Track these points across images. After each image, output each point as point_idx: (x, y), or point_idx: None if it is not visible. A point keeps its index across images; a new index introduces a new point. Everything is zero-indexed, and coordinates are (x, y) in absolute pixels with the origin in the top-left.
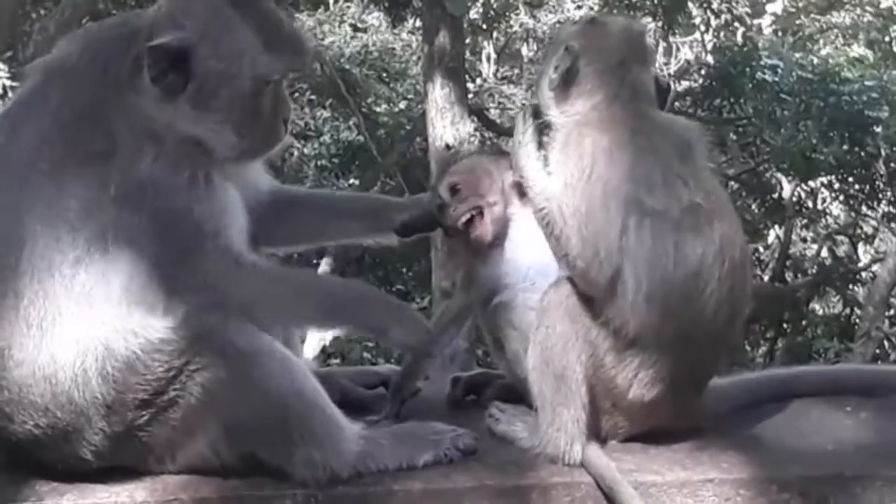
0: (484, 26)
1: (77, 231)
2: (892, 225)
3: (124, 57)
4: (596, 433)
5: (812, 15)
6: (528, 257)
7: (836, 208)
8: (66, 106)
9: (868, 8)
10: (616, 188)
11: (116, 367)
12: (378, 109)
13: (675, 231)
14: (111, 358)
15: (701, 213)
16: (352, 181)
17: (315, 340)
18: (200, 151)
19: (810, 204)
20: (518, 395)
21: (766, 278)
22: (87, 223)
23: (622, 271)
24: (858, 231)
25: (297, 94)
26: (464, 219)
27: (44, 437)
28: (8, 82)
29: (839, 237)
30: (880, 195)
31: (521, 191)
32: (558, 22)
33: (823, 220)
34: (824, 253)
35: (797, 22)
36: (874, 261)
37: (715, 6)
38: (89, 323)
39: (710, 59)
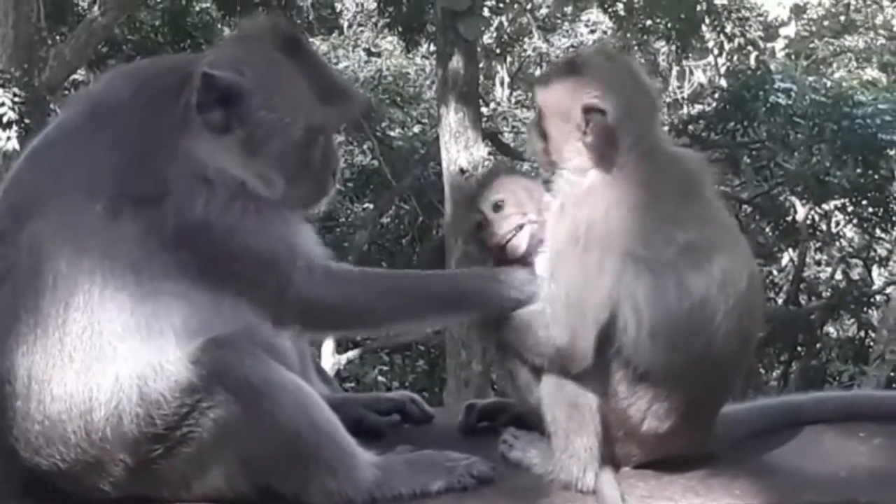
0: (498, 50)
1: (140, 272)
2: None
3: (178, 101)
4: (609, 460)
5: (825, 38)
6: None
7: (850, 231)
8: (118, 148)
9: (881, 31)
10: (610, 247)
11: (144, 405)
12: (392, 134)
13: (673, 270)
14: (144, 396)
15: (698, 250)
16: (366, 205)
17: (329, 365)
18: (248, 189)
19: (824, 227)
20: (532, 423)
21: (780, 301)
22: (151, 264)
23: (620, 313)
24: (872, 254)
25: None
26: (509, 236)
27: (66, 469)
28: (24, 107)
29: (853, 260)
30: (894, 218)
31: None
32: (571, 46)
33: (837, 243)
34: (838, 276)
35: (810, 45)
36: (888, 283)
37: (728, 30)
38: (129, 361)
39: (723, 82)
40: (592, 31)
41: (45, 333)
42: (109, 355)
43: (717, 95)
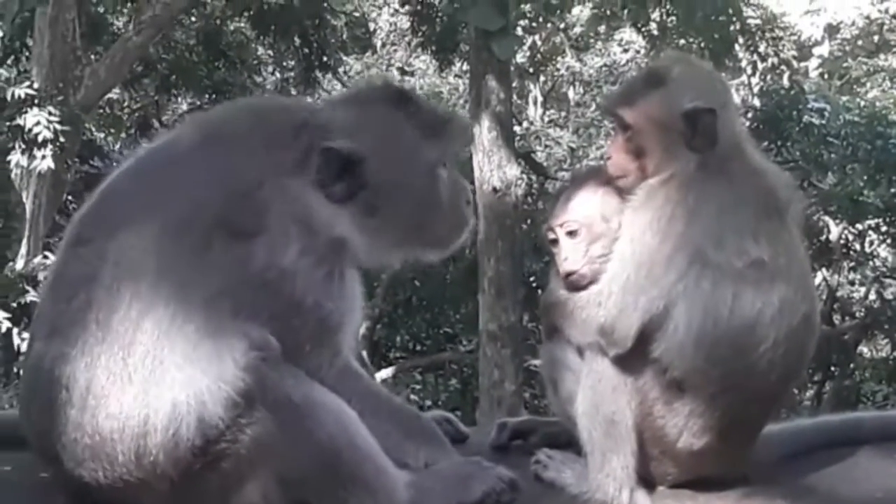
0: (531, 70)
1: (212, 309)
2: None
3: (293, 145)
4: (644, 479)
5: (859, 58)
6: None
7: (884, 251)
8: (227, 178)
9: None
10: (686, 242)
11: (201, 429)
12: None
13: (735, 282)
14: (201, 420)
15: (765, 270)
16: None
17: None
18: (346, 249)
19: (858, 246)
20: (564, 442)
21: None
22: (226, 300)
23: (671, 313)
24: None
25: None
26: (573, 272)
27: (106, 484)
28: (59, 126)
29: (887, 280)
30: None
31: None
32: (605, 65)
33: (871, 263)
34: (872, 295)
35: (844, 65)
36: None
37: (762, 49)
38: (188, 388)
39: (757, 102)
40: (626, 51)
41: (111, 350)
42: (168, 382)
43: (750, 115)
